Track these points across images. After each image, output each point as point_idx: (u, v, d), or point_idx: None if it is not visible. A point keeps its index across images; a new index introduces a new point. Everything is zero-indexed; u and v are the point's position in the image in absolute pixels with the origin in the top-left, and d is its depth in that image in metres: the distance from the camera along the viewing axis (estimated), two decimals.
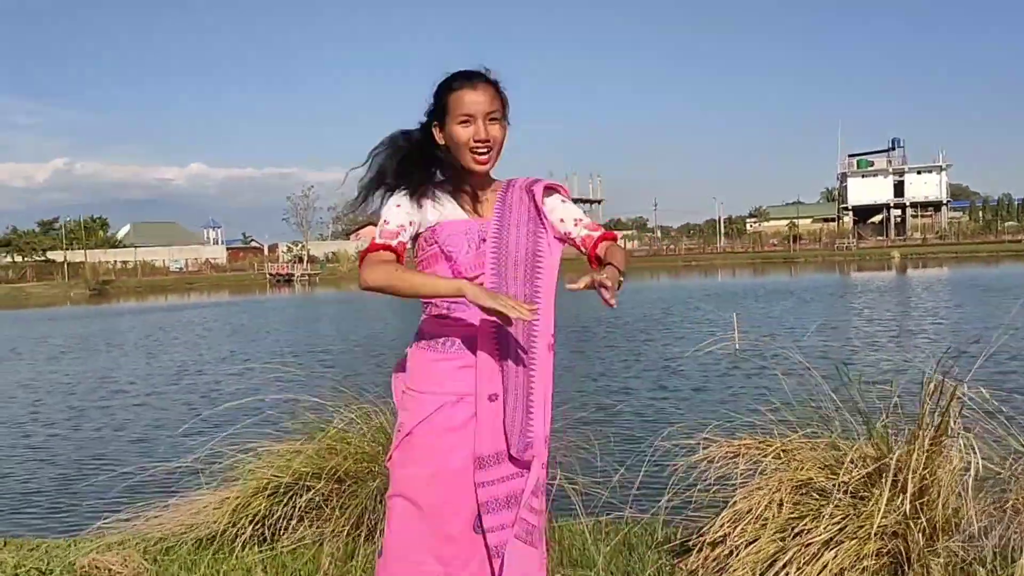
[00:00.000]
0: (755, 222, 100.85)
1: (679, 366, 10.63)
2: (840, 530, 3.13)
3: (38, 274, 62.41)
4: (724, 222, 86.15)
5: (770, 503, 3.30)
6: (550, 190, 2.38)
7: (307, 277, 60.57)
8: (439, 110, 2.26)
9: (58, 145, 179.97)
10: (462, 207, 2.30)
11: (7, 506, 5.91)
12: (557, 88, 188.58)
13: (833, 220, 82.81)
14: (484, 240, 2.26)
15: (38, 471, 6.96)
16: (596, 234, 2.35)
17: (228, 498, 3.69)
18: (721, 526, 3.28)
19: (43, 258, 69.64)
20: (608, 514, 3.64)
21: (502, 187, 2.36)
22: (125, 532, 3.74)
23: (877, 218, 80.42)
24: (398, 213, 2.24)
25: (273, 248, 78.39)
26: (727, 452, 3.56)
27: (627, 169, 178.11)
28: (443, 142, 2.28)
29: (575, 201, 2.47)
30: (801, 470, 3.39)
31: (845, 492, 3.21)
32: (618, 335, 15.00)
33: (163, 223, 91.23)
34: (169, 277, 64.24)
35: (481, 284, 2.17)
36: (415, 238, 2.30)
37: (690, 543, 3.35)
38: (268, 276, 62.05)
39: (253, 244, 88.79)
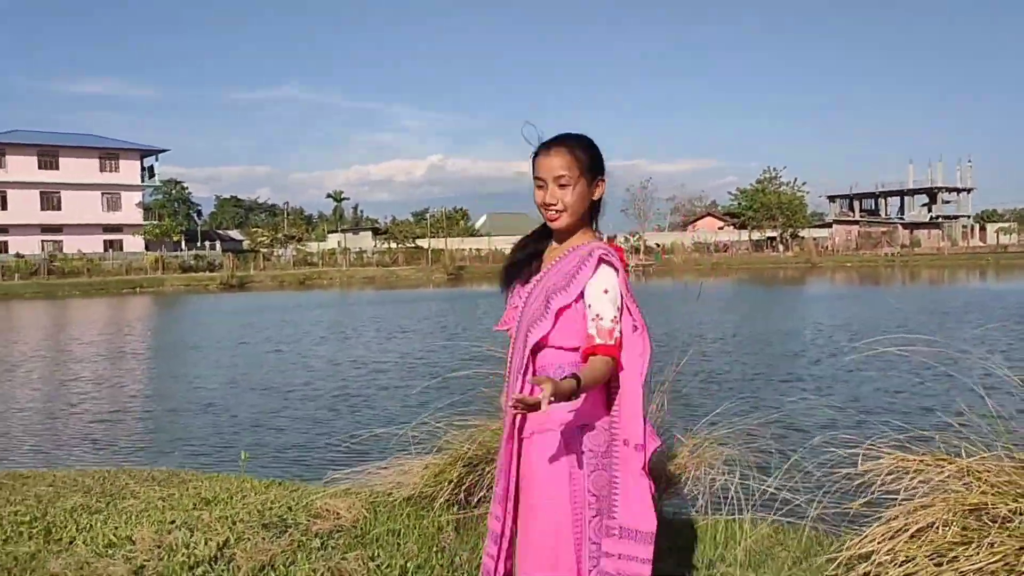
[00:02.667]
0: None
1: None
2: (1000, 561, 2.88)
3: (407, 259, 70.26)
4: None
5: (933, 524, 3.11)
6: (608, 264, 2.39)
7: (641, 268, 61.67)
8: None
9: (435, 144, 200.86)
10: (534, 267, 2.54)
11: (275, 454, 7.50)
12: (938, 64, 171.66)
13: None
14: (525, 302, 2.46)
15: (304, 427, 8.73)
16: (597, 342, 2.31)
17: (430, 464, 4.25)
18: (870, 540, 3.15)
19: (413, 245, 78.30)
20: (756, 512, 3.63)
21: (574, 246, 2.46)
22: (351, 483, 4.46)
23: None
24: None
25: (611, 239, 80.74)
26: (897, 465, 3.38)
27: (1009, 152, 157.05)
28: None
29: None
30: (977, 493, 3.14)
31: None
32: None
33: (515, 214, 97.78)
34: None
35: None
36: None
37: (833, 555, 3.26)
38: None
39: (597, 234, 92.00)
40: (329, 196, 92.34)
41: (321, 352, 15.94)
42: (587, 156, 2.42)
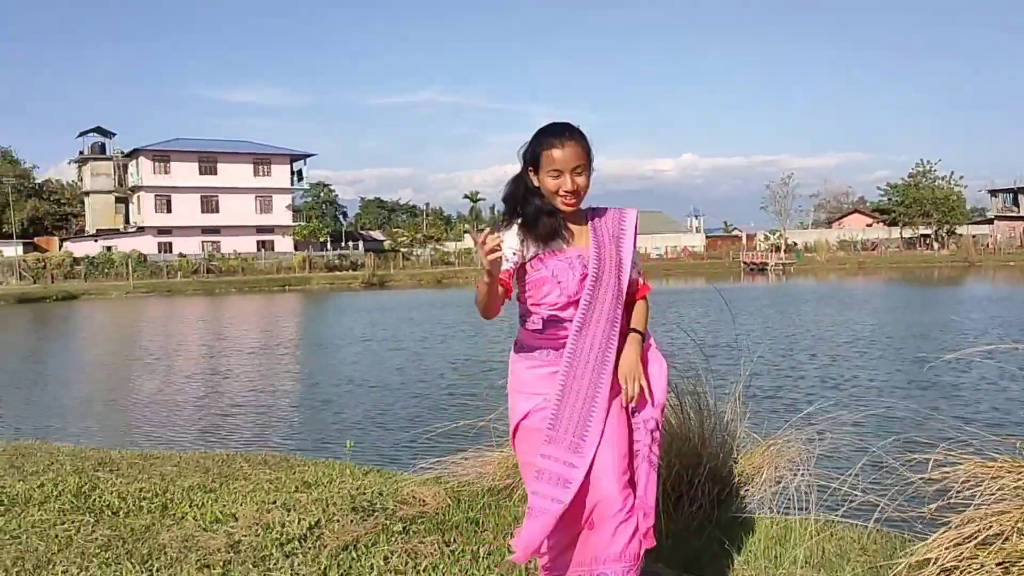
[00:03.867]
0: None
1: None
2: None
3: None
4: None
5: (1003, 532, 2.97)
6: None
7: (781, 266, 59.78)
8: (534, 158, 2.70)
9: None
10: (564, 237, 2.73)
11: (378, 445, 8.08)
12: None
13: None
14: (585, 266, 2.69)
15: (406, 421, 9.24)
16: (641, 282, 2.85)
17: (507, 456, 4.39)
18: (937, 546, 3.04)
19: None
20: (824, 512, 3.57)
21: (590, 216, 2.80)
22: (439, 472, 4.66)
23: None
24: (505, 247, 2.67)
25: (751, 237, 78.69)
26: (975, 471, 3.24)
27: None
28: (537, 184, 2.72)
29: None
30: None
31: None
32: None
33: (650, 212, 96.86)
34: (650, 263, 68.31)
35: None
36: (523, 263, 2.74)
37: (897, 560, 3.16)
38: (742, 264, 62.64)
39: (736, 232, 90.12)
40: (466, 197, 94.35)
41: (444, 350, 16.42)
42: (588, 145, 2.69)
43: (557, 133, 2.66)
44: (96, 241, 62.37)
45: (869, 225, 78.90)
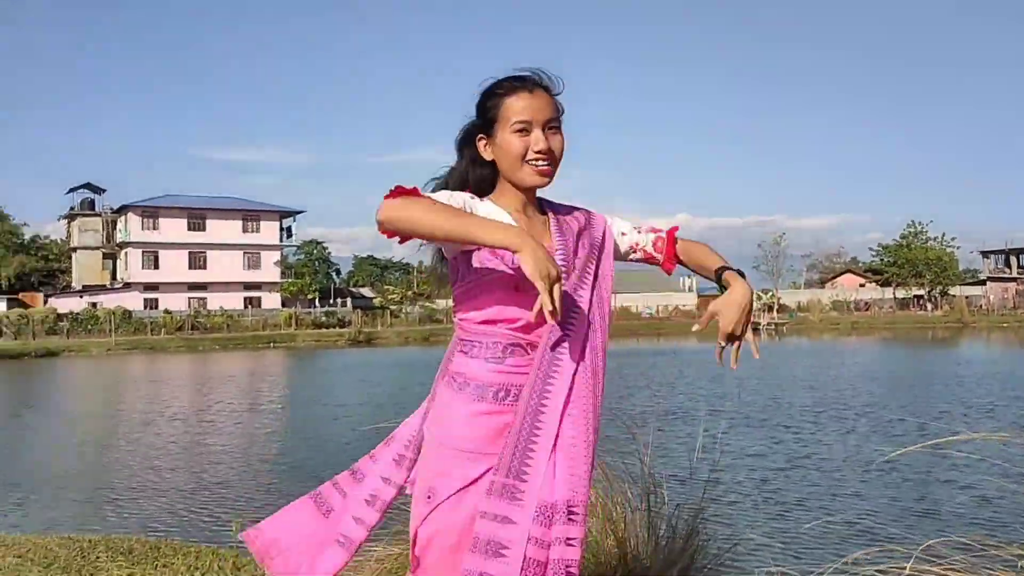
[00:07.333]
0: None
1: None
2: None
3: None
4: None
5: None
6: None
7: (774, 326, 59.16)
8: (486, 120, 1.94)
9: (578, 200, 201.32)
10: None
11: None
12: None
13: None
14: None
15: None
16: (664, 231, 2.11)
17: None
18: None
19: None
20: None
21: (546, 208, 2.05)
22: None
23: None
24: (447, 196, 1.87)
25: None
26: None
27: None
28: (491, 157, 1.96)
29: None
30: None
31: None
32: None
33: (642, 271, 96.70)
34: (641, 322, 67.58)
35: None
36: (455, 257, 1.95)
37: None
38: None
39: None
40: None
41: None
42: (561, 104, 1.97)
43: (520, 79, 1.93)
44: (82, 297, 61.61)
45: (862, 285, 78.43)
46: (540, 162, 1.89)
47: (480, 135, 1.97)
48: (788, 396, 16.46)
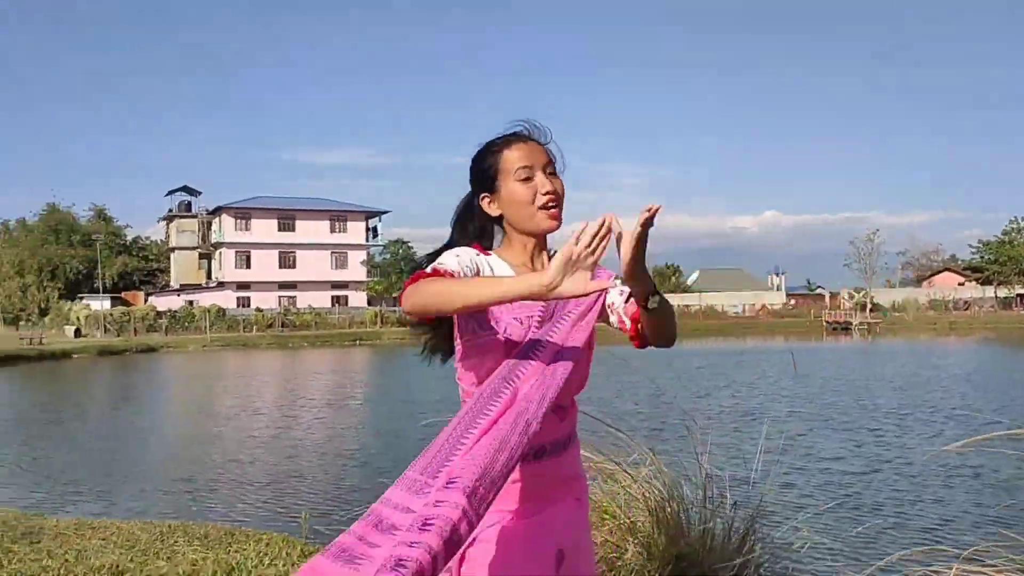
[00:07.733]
0: None
1: None
2: None
3: None
4: None
5: None
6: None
7: (867, 325, 57.25)
8: (487, 179, 1.97)
9: (654, 199, 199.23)
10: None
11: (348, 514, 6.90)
12: None
13: None
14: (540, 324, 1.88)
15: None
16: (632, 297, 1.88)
17: None
18: None
19: None
20: None
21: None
22: None
23: None
24: (456, 261, 1.90)
25: (835, 295, 75.97)
26: None
27: None
28: (497, 212, 1.98)
29: None
30: None
31: None
32: None
33: (730, 269, 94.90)
34: (727, 321, 66.41)
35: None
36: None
37: None
38: (825, 323, 60.27)
39: (819, 290, 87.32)
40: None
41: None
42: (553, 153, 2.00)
43: (511, 133, 2.00)
44: (179, 296, 64.22)
45: (961, 284, 75.27)
46: (550, 204, 1.91)
47: (483, 194, 1.99)
48: (874, 397, 15.98)
